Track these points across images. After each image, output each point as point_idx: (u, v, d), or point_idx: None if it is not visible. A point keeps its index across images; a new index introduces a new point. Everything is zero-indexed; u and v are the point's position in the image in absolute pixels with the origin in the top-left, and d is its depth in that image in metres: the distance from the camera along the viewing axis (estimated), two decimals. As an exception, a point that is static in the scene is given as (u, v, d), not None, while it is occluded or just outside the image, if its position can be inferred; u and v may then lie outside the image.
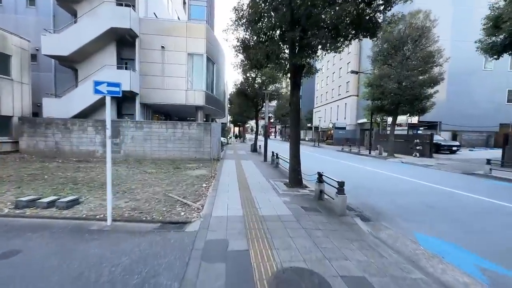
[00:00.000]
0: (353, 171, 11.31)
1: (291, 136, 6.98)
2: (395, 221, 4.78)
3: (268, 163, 12.44)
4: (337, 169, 12.04)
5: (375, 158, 17.76)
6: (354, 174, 10.56)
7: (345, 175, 10.03)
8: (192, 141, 12.92)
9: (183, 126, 12.82)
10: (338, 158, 17.04)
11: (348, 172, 10.93)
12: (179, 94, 14.35)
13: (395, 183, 8.64)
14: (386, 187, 7.81)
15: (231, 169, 10.24)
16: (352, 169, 11.97)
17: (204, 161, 12.51)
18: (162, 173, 9.33)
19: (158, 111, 17.53)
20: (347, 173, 10.61)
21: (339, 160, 15.80)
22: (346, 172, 10.90)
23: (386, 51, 16.89)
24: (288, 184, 6.97)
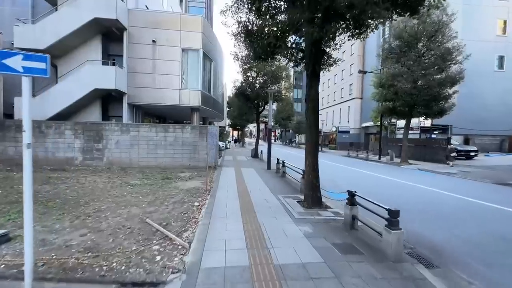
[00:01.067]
0: (370, 181, 9.78)
1: (307, 142, 5.46)
2: (473, 267, 3.24)
3: (273, 172, 10.90)
4: (351, 178, 10.50)
5: (388, 165, 16.26)
6: (372, 184, 9.03)
7: (362, 186, 8.49)
8: (185, 147, 11.37)
9: (175, 129, 11.28)
10: (347, 165, 15.53)
11: (365, 182, 9.40)
12: (172, 93, 12.84)
13: (430, 198, 7.11)
14: (423, 205, 6.27)
15: (230, 180, 8.67)
16: (368, 178, 10.44)
17: (199, 170, 10.94)
18: (148, 185, 7.75)
19: (149, 113, 15.98)
20: (364, 184, 9.08)
21: (349, 167, 14.28)
22: (362, 182, 9.37)
23: (398, 48, 15.56)
24: (303, 203, 5.41)
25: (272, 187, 7.66)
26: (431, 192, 7.88)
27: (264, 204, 5.60)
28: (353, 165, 15.38)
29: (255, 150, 17.58)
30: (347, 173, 12.01)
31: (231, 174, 10.10)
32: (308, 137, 5.43)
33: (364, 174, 11.76)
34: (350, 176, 11.23)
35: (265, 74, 16.13)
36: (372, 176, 11.28)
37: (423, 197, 7.19)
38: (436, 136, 19.49)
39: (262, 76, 16.42)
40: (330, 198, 5.98)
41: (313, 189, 5.33)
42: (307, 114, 5.39)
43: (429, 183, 9.46)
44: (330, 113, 41.47)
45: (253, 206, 5.41)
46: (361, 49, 33.57)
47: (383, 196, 6.90)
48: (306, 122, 5.50)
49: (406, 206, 6.14)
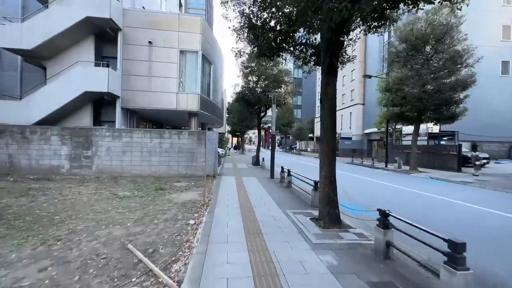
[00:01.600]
0: (384, 192, 8.91)
1: (323, 148, 4.64)
2: None
3: (276, 181, 10.03)
4: (362, 188, 9.64)
5: (396, 173, 15.42)
6: (388, 195, 8.16)
7: (378, 198, 7.64)
8: (182, 154, 10.52)
9: (171, 135, 10.45)
10: (354, 173, 14.67)
11: (380, 193, 8.54)
12: (169, 97, 12.08)
13: (462, 214, 6.25)
14: (461, 224, 5.41)
15: (230, 191, 7.79)
16: (381, 188, 9.58)
17: (196, 179, 10.07)
18: (138, 197, 6.87)
19: (145, 119, 15.19)
20: (379, 195, 8.22)
21: (357, 176, 13.42)
22: (377, 193, 8.51)
23: (405, 51, 15.00)
24: (319, 222, 4.54)
25: (278, 199, 6.79)
26: (459, 206, 7.01)
27: (272, 222, 4.73)
28: (360, 173, 14.52)
29: (256, 158, 16.73)
30: (357, 183, 11.14)
31: (231, 184, 9.22)
32: (324, 142, 4.62)
33: (375, 184, 10.89)
34: (361, 185, 10.37)
35: (266, 78, 15.47)
36: (385, 185, 10.42)
37: (453, 213, 6.32)
38: (445, 143, 18.73)
39: (263, 80, 15.76)
40: (347, 214, 5.12)
41: (330, 205, 4.48)
42: (323, 116, 4.60)
43: (450, 194, 8.61)
44: (331, 119, 40.81)
45: (259, 225, 4.54)
46: (362, 55, 33.23)
47: (405, 211, 6.05)
48: (321, 125, 4.70)
49: (439, 224, 5.27)
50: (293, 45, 6.13)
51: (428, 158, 17.27)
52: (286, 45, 6.12)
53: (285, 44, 6.10)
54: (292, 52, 6.59)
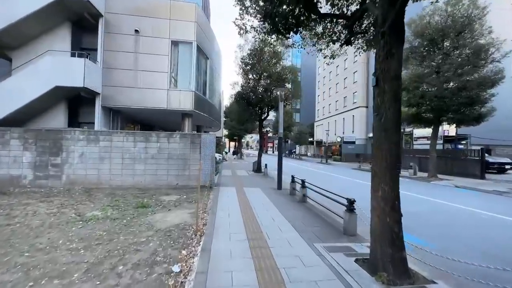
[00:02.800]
0: (418, 205, 7.28)
1: (380, 155, 3.03)
2: None
3: (285, 193, 8.37)
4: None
5: (414, 180, 13.88)
6: (424, 210, 6.54)
7: (413, 212, 6.01)
8: (173, 161, 8.81)
9: (159, 138, 8.75)
10: (368, 180, 13.07)
11: (414, 207, 6.91)
12: (158, 95, 10.42)
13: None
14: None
15: (232, 210, 6.09)
16: (413, 201, 7.95)
17: (189, 191, 8.36)
18: (109, 220, 5.15)
19: (132, 120, 13.45)
20: (414, 209, 6.59)
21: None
22: (412, 208, 6.88)
23: (422, 46, 13.66)
24: (382, 278, 2.86)
25: (296, 222, 5.11)
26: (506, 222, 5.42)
27: (301, 272, 3.04)
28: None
29: (258, 163, 15.06)
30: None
31: (232, 198, 7.52)
32: (382, 147, 3.00)
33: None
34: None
35: (269, 76, 13.94)
36: (414, 197, 8.81)
37: (499, 230, 4.72)
38: (463, 147, 17.33)
39: (265, 79, 14.21)
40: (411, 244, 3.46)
41: (394, 245, 2.83)
42: (380, 105, 2.99)
43: (494, 208, 7.04)
44: (332, 123, 39.52)
45: (282, 279, 2.85)
46: (364, 55, 32.08)
47: (466, 236, 4.43)
48: (376, 119, 3.09)
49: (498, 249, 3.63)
50: (318, 17, 4.56)
51: (445, 163, 15.80)
52: (307, 17, 4.55)
53: (306, 16, 4.53)
54: (313, 28, 5.03)
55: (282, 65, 14.36)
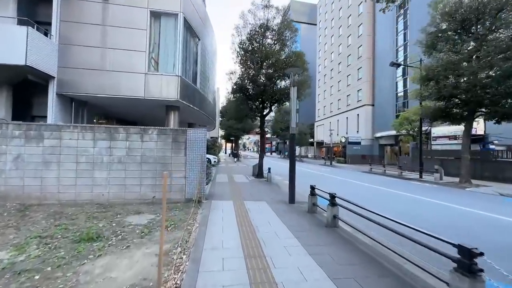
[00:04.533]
0: (473, 222, 5.05)
1: None
2: None
3: (302, 211, 6.10)
4: (440, 217, 5.76)
5: (442, 187, 11.75)
6: (490, 233, 4.33)
7: (480, 232, 3.79)
8: (148, 166, 6.46)
9: (129, 135, 6.40)
10: (389, 187, 10.87)
11: (479, 229, 4.68)
12: (134, 80, 8.09)
13: None
14: None
15: (229, 250, 3.76)
16: (463, 216, 5.72)
17: (170, 206, 6.04)
18: (14, 273, 2.80)
19: (104, 114, 11.01)
20: (480, 232, 4.38)
21: (400, 192, 9.63)
22: (479, 230, 4.64)
23: (452, 30, 11.62)
24: None
25: (343, 279, 2.83)
26: None
27: None
28: (395, 187, 10.75)
29: (259, 167, 12.78)
30: (413, 205, 7.30)
31: (229, 219, 5.20)
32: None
33: (442, 207, 7.07)
34: (428, 211, 6.50)
35: (272, 64, 11.71)
36: (454, 209, 6.59)
37: None
38: (494, 147, 15.32)
39: (268, 68, 11.96)
40: None
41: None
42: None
43: None
44: (334, 123, 37.47)
45: None
46: (370, 50, 30.17)
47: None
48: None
49: None
50: None
51: (474, 166, 13.72)
52: None
53: None
54: None
55: (288, 51, 12.16)
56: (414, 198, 8.71)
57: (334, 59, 39.15)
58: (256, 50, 11.85)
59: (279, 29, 11.92)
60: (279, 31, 11.90)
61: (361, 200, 5.70)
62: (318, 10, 47.34)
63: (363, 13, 31.16)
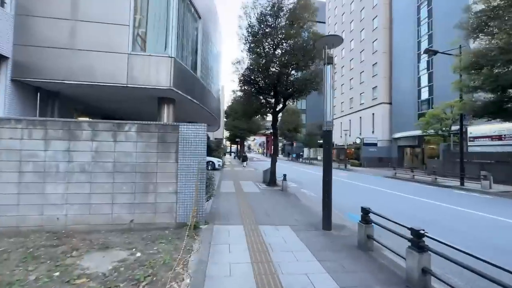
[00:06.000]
0: None
1: None
2: None
3: (349, 245, 4.05)
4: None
5: (498, 198, 9.51)
6: None
7: None
8: (124, 176, 4.53)
9: (96, 132, 4.49)
10: (436, 199, 8.70)
11: None
12: (113, 62, 6.22)
13: None
14: None
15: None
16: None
17: (153, 238, 4.11)
18: None
19: (84, 109, 9.09)
20: None
21: (454, 206, 7.46)
22: None
23: (501, 9, 9.48)
24: None
25: None
26: None
27: None
28: (447, 200, 8.58)
29: (271, 173, 10.77)
30: (496, 229, 5.16)
31: (241, 270, 3.19)
32: None
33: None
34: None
35: (287, 51, 9.73)
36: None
37: None
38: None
39: (281, 56, 9.98)
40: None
41: None
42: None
43: None
44: (346, 123, 35.20)
45: None
46: (386, 44, 27.92)
47: None
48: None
49: None
50: None
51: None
52: None
53: None
54: None
55: (306, 35, 10.15)
56: (479, 216, 6.56)
57: (345, 56, 36.98)
58: (267, 34, 9.91)
59: (294, 9, 9.95)
60: (295, 12, 9.93)
61: (424, 222, 3.64)
62: (327, 6, 45.29)
63: (378, 4, 28.98)
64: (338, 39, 4.89)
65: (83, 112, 8.79)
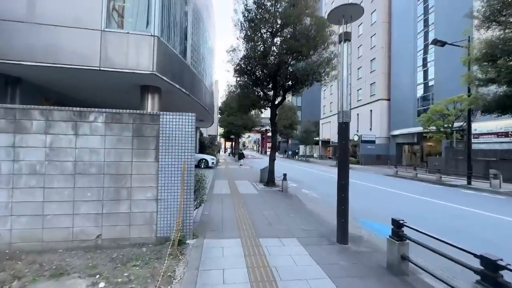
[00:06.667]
0: None
1: None
2: None
3: (375, 265, 3.18)
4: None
5: (511, 198, 8.89)
6: None
7: None
8: (88, 179, 3.55)
9: (51, 122, 3.48)
10: (447, 200, 7.99)
11: None
12: (82, 40, 5.16)
13: None
14: None
15: None
16: None
17: (125, 259, 3.15)
18: None
19: (58, 101, 7.92)
20: None
21: (462, 207, 6.76)
22: None
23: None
24: None
25: None
26: None
27: None
28: (458, 201, 7.87)
29: (269, 172, 9.89)
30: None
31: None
32: None
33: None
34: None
35: (285, 39, 8.79)
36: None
37: None
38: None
39: (281, 43, 9.02)
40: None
41: None
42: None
43: None
44: (343, 120, 34.46)
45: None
46: (385, 39, 27.25)
47: None
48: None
49: None
50: None
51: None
52: None
53: None
54: None
55: (309, 22, 9.20)
56: (502, 220, 5.83)
57: (342, 51, 36.15)
58: (266, 19, 8.93)
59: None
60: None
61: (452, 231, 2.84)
62: (323, 0, 44.32)
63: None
64: (357, 9, 3.99)
65: (54, 104, 7.64)
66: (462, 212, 6.74)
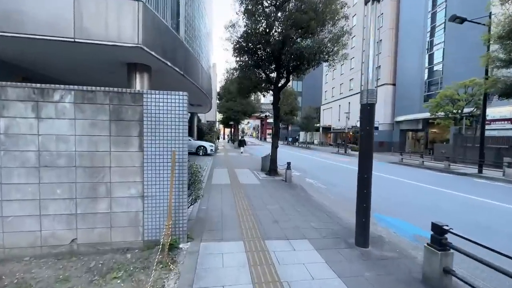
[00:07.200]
0: None
1: None
2: None
3: (408, 279, 2.60)
4: None
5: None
6: None
7: None
8: (58, 173, 2.90)
9: (4, 103, 2.75)
10: (461, 191, 7.46)
11: None
12: (51, 5, 4.28)
13: None
14: None
15: None
16: None
17: (106, 269, 2.55)
18: None
19: (25, 74, 7.08)
20: None
21: (490, 201, 6.23)
22: None
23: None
24: None
25: None
26: None
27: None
28: (478, 193, 7.33)
29: (272, 161, 9.27)
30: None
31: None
32: None
33: None
34: None
35: (291, 13, 7.79)
36: None
37: None
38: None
39: (286, 20, 8.02)
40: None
41: None
42: None
43: None
44: (345, 106, 33.63)
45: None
46: (393, 20, 25.75)
47: None
48: None
49: None
50: None
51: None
52: None
53: None
54: None
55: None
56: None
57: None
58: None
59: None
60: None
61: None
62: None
63: (385, -26, 26.31)
64: None
65: (23, 76, 6.76)
66: (482, 204, 6.22)
